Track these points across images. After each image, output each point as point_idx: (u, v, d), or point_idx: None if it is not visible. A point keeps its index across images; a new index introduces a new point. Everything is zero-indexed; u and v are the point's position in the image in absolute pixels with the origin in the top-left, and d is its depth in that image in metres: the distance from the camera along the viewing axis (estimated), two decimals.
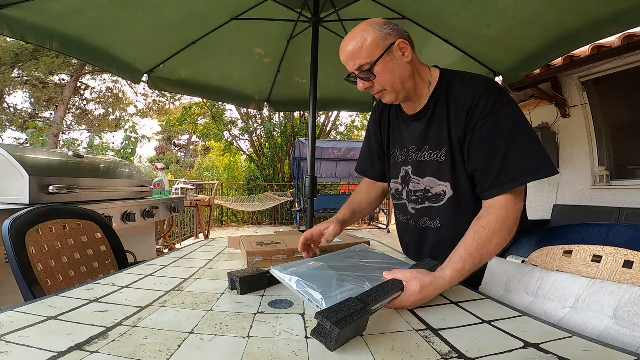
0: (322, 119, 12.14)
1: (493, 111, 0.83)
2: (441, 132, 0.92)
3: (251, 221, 9.88)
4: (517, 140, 0.81)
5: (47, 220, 1.09)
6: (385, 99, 0.94)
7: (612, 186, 3.65)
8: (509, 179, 0.80)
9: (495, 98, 0.84)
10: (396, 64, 0.88)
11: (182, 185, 4.90)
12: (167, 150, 21.65)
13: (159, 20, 2.17)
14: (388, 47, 0.86)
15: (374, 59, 0.86)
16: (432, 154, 0.95)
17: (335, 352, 0.48)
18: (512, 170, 0.80)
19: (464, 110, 0.86)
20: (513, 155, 0.80)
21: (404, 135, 1.05)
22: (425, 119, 0.96)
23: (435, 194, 0.97)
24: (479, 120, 0.84)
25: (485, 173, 0.84)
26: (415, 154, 1.00)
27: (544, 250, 0.87)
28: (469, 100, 0.86)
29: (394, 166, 1.09)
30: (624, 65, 3.39)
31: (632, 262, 0.69)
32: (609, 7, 1.61)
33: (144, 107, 17.04)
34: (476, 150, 0.85)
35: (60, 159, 1.95)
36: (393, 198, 1.13)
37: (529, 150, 0.81)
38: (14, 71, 12.47)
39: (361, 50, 0.86)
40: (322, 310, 0.52)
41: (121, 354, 0.46)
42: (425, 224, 1.01)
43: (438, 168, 0.94)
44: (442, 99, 0.93)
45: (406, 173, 1.03)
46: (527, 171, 0.79)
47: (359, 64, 0.87)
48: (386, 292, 0.61)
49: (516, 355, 0.48)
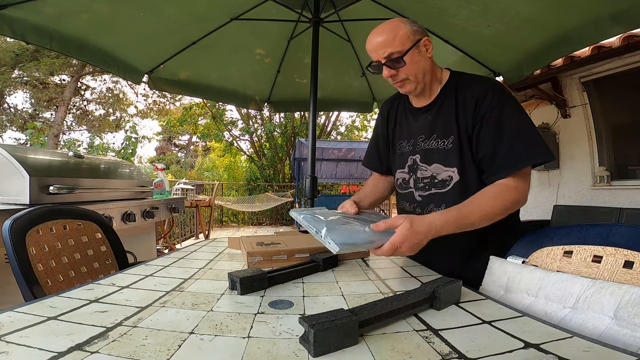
0: (322, 119, 12.14)
1: (498, 105, 0.94)
2: (449, 122, 1.01)
3: (251, 221, 9.88)
4: (520, 130, 0.92)
5: (48, 221, 1.09)
6: (404, 88, 1.04)
7: (613, 186, 3.65)
8: (513, 163, 0.91)
9: (499, 94, 0.95)
10: (421, 57, 1.00)
11: (182, 186, 4.90)
12: (168, 150, 21.66)
13: (159, 20, 2.17)
14: (416, 41, 0.97)
15: (405, 49, 0.96)
16: (440, 142, 1.03)
17: (334, 353, 0.48)
18: (516, 156, 0.90)
19: (472, 104, 0.97)
20: (517, 143, 0.91)
21: (411, 127, 1.13)
22: (434, 110, 1.06)
23: (441, 180, 1.03)
24: (487, 112, 0.94)
25: (493, 159, 0.94)
26: (423, 142, 1.07)
27: (544, 250, 0.87)
28: (475, 95, 0.97)
29: (400, 156, 1.16)
30: (624, 65, 3.39)
31: (632, 262, 0.69)
32: (610, 7, 1.61)
33: (144, 108, 17.07)
34: (485, 139, 0.95)
35: (60, 159, 1.95)
36: (399, 188, 1.18)
37: (529, 138, 0.92)
38: (14, 71, 12.48)
39: (394, 40, 0.95)
40: (306, 316, 0.52)
41: (121, 354, 0.46)
42: (431, 211, 1.05)
43: (445, 155, 1.02)
44: (450, 94, 1.03)
45: (413, 162, 1.10)
46: (527, 156, 0.91)
47: (390, 52, 0.96)
48: (382, 308, 0.58)
49: (516, 355, 0.48)
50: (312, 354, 0.47)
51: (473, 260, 1.04)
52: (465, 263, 1.05)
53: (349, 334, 0.51)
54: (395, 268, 1.00)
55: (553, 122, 4.21)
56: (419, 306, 0.64)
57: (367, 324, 0.55)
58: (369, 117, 12.57)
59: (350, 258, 1.09)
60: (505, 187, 0.89)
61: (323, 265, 0.94)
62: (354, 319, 0.52)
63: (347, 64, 2.92)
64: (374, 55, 1.00)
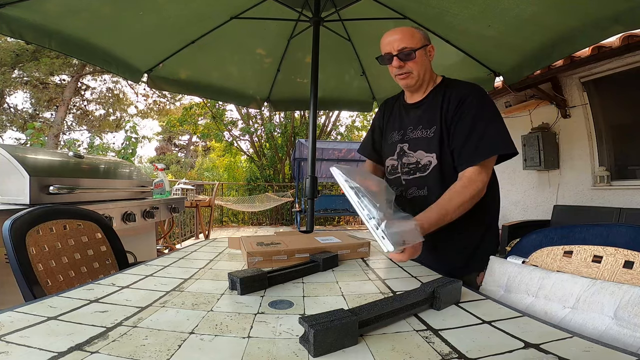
0: (322, 120, 12.12)
1: (477, 106, 1.09)
2: (434, 115, 1.16)
3: (251, 221, 9.88)
4: (488, 128, 1.06)
5: (48, 221, 1.09)
6: (406, 80, 1.18)
7: (613, 186, 3.65)
8: (475, 155, 1.05)
9: (480, 97, 1.11)
10: (426, 58, 1.19)
11: (182, 186, 4.90)
12: (168, 150, 21.65)
13: (159, 19, 2.17)
14: (425, 45, 1.17)
15: (418, 46, 1.14)
16: (424, 132, 1.18)
17: (334, 353, 0.48)
18: (479, 149, 1.05)
19: (455, 101, 1.11)
20: (483, 139, 1.05)
21: (403, 119, 1.29)
22: (424, 106, 1.22)
23: (423, 165, 1.18)
24: (465, 110, 1.09)
25: (460, 151, 1.08)
26: (411, 132, 1.23)
27: (544, 250, 0.87)
28: (460, 94, 1.12)
29: (391, 145, 1.30)
30: (624, 65, 3.39)
31: (632, 262, 0.69)
32: (611, 7, 1.61)
33: (145, 108, 17.05)
34: (458, 133, 1.10)
35: (60, 159, 1.95)
36: (389, 174, 1.31)
37: (495, 135, 1.06)
38: (14, 71, 12.47)
39: (411, 37, 1.14)
40: (306, 316, 0.52)
41: (121, 354, 0.46)
42: (412, 193, 1.20)
43: (427, 142, 1.17)
44: (439, 93, 1.19)
45: (401, 149, 1.25)
46: (488, 149, 1.05)
47: (403, 46, 1.13)
48: (382, 308, 0.59)
49: (516, 355, 0.48)
50: (312, 354, 0.47)
51: (472, 261, 1.13)
52: (465, 264, 1.12)
53: (349, 334, 0.51)
54: (395, 268, 1.00)
55: (553, 122, 4.21)
56: (419, 306, 0.64)
57: (367, 324, 0.55)
58: (369, 117, 12.56)
59: (351, 258, 1.09)
60: (468, 180, 1.03)
61: (323, 265, 0.94)
62: (354, 319, 0.52)
63: (348, 63, 2.91)
64: (388, 48, 1.16)
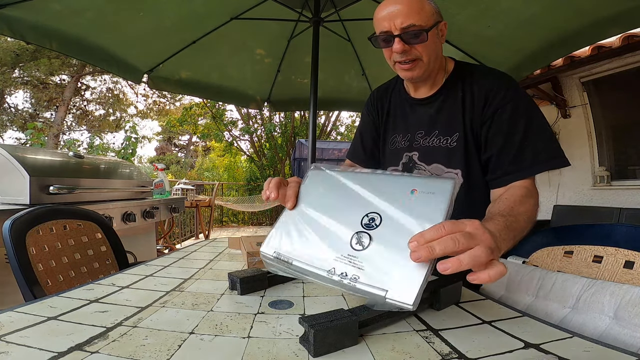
0: (322, 120, 12.13)
1: (512, 101, 0.84)
2: (454, 118, 0.91)
3: (251, 221, 9.88)
4: (536, 130, 0.82)
5: (48, 221, 1.09)
6: (412, 71, 0.89)
7: (613, 186, 3.65)
8: (529, 165, 0.80)
9: (513, 90, 0.85)
10: (438, 40, 0.88)
11: (183, 186, 4.90)
12: (167, 150, 21.64)
13: (159, 19, 2.17)
14: (438, 22, 0.86)
15: (429, 25, 0.83)
16: (442, 140, 0.92)
17: (334, 353, 0.48)
18: (529, 159, 0.80)
19: (481, 100, 0.87)
20: (534, 144, 0.81)
21: (409, 120, 1.01)
22: (437, 103, 0.94)
23: None
24: (498, 108, 0.84)
25: (504, 158, 0.83)
26: (423, 139, 0.96)
27: (544, 250, 0.87)
28: (484, 90, 0.86)
29: (394, 152, 1.03)
30: (624, 65, 3.39)
31: (632, 262, 0.69)
32: (610, 7, 1.61)
33: (144, 108, 17.05)
34: (495, 137, 0.85)
35: (60, 159, 1.95)
36: None
37: (546, 141, 0.81)
38: (14, 71, 12.48)
39: (420, 11, 0.82)
40: (306, 316, 0.52)
41: (121, 354, 0.46)
42: None
43: (447, 154, 0.91)
44: (456, 86, 0.92)
45: (409, 159, 0.99)
46: (545, 160, 0.80)
47: (410, 23, 0.81)
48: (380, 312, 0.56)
49: (516, 355, 0.47)
50: (312, 354, 0.47)
51: None
52: None
53: (349, 334, 0.51)
54: None
55: (553, 122, 4.21)
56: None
57: (367, 324, 0.55)
58: None
59: None
60: (527, 191, 0.77)
61: None
62: (354, 319, 0.52)
63: (348, 63, 2.92)
64: (386, 25, 0.83)
